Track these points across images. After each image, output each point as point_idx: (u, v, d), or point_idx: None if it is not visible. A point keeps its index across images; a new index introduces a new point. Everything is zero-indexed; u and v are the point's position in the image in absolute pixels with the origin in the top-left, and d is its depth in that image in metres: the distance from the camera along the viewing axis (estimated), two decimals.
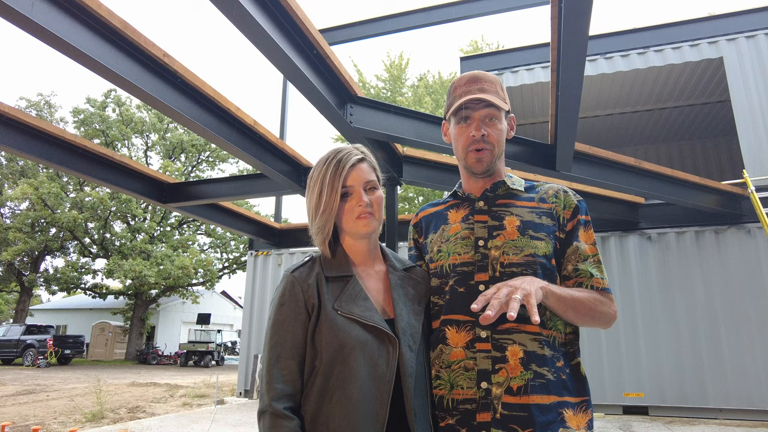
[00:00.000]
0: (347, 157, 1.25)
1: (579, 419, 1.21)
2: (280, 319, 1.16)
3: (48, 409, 9.00)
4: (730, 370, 7.01)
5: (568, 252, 1.30)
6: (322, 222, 1.24)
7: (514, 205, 1.35)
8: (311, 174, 1.29)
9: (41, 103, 27.36)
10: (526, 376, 1.18)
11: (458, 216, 1.40)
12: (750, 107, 8.17)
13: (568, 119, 4.32)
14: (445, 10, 9.20)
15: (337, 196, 1.23)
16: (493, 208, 1.36)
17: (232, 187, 6.78)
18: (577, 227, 1.33)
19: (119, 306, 28.30)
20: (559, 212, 1.33)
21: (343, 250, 1.28)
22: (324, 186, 1.23)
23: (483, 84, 1.37)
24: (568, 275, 1.29)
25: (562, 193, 1.36)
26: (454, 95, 1.39)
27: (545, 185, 1.41)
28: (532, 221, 1.31)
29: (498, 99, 1.35)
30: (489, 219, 1.33)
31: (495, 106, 1.34)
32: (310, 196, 1.27)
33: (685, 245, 7.66)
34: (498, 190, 1.39)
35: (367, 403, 1.09)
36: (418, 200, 22.40)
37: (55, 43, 3.29)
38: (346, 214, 1.24)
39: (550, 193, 1.37)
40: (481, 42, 24.94)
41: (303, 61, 3.91)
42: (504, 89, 1.42)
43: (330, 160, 1.26)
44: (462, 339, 1.24)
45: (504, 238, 1.29)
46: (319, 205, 1.23)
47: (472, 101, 1.34)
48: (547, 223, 1.31)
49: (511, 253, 1.26)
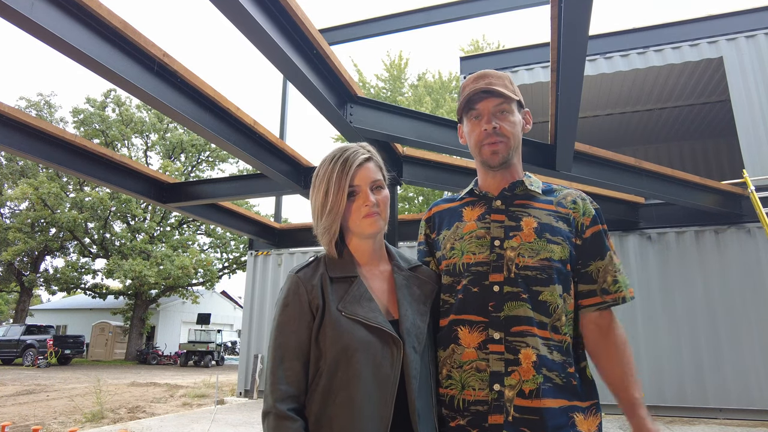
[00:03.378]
0: (354, 156, 1.24)
1: (589, 423, 1.21)
2: (284, 319, 1.15)
3: (48, 409, 8.99)
4: (730, 370, 7.01)
5: (605, 263, 1.30)
6: (328, 222, 1.22)
7: (532, 207, 1.33)
8: (317, 173, 1.27)
9: (41, 103, 27.35)
10: (538, 379, 1.17)
11: (474, 214, 1.37)
12: (750, 107, 8.17)
13: (568, 119, 4.32)
14: (445, 10, 9.20)
15: (344, 196, 1.21)
16: (510, 208, 1.34)
17: (232, 187, 6.77)
18: (601, 235, 1.32)
19: (119, 306, 28.29)
20: (577, 219, 1.32)
21: (349, 251, 1.27)
22: (330, 185, 1.21)
23: (490, 79, 1.36)
24: (608, 288, 1.29)
25: (581, 201, 1.36)
26: (463, 94, 1.38)
27: (564, 190, 1.39)
28: (549, 224, 1.29)
29: (506, 90, 1.33)
30: (506, 219, 1.32)
31: (503, 96, 1.32)
32: (315, 195, 1.25)
33: (685, 245, 7.66)
34: (516, 190, 1.37)
35: (370, 404, 1.09)
36: (418, 200, 22.39)
37: (55, 43, 3.29)
38: (352, 213, 1.23)
39: (568, 199, 1.36)
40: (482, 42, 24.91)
41: (303, 61, 3.91)
42: (513, 83, 1.40)
43: (336, 158, 1.24)
44: (474, 339, 1.24)
45: (520, 239, 1.27)
46: (325, 205, 1.22)
47: (478, 93, 1.33)
48: (564, 228, 1.30)
49: (527, 256, 1.25)
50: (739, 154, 8.37)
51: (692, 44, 8.76)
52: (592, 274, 1.30)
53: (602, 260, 1.30)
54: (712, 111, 11.08)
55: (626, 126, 12.04)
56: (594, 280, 1.29)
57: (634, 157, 7.82)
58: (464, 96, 1.36)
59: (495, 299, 1.24)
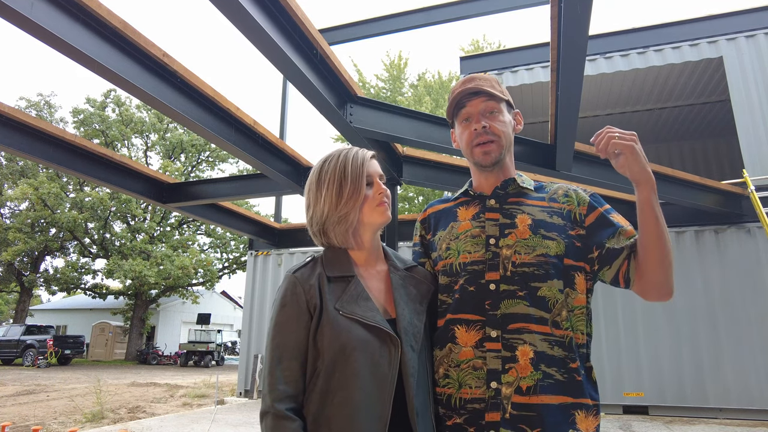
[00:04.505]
0: (363, 152, 1.30)
1: (589, 422, 1.21)
2: (282, 320, 1.15)
3: (48, 409, 9.00)
4: (730, 369, 7.01)
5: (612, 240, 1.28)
6: (347, 210, 1.23)
7: (526, 204, 1.34)
8: (325, 167, 1.28)
9: (41, 103, 27.36)
10: (536, 376, 1.17)
11: (468, 213, 1.38)
12: (750, 107, 8.17)
13: (568, 119, 4.32)
14: (445, 10, 9.19)
15: (364, 183, 1.25)
16: (504, 206, 1.35)
17: (232, 187, 6.78)
18: (603, 216, 1.32)
19: (119, 306, 28.30)
20: (573, 210, 1.33)
21: (345, 250, 1.27)
22: (346, 175, 1.24)
23: (477, 81, 1.38)
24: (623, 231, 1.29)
25: (573, 192, 1.36)
26: (451, 98, 1.40)
27: (553, 185, 1.41)
28: (543, 220, 1.30)
29: (494, 90, 1.35)
30: (501, 217, 1.33)
31: (491, 95, 1.34)
32: (328, 187, 1.25)
33: (685, 245, 7.66)
34: (509, 188, 1.38)
35: (369, 403, 1.09)
36: (418, 200, 22.40)
37: (55, 43, 3.29)
38: (367, 202, 1.26)
39: (560, 193, 1.37)
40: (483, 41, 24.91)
41: (303, 61, 3.91)
42: (501, 84, 1.42)
43: (347, 152, 1.29)
44: (471, 338, 1.24)
45: (516, 236, 1.28)
46: (341, 194, 1.23)
47: (466, 95, 1.35)
48: (559, 222, 1.31)
49: (523, 252, 1.26)
50: (739, 154, 8.38)
51: (692, 44, 8.76)
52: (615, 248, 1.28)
53: (614, 237, 1.29)
54: (712, 111, 11.08)
55: (626, 126, 12.04)
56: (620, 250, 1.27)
57: None
58: (452, 99, 1.38)
59: (491, 297, 1.25)
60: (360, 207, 1.25)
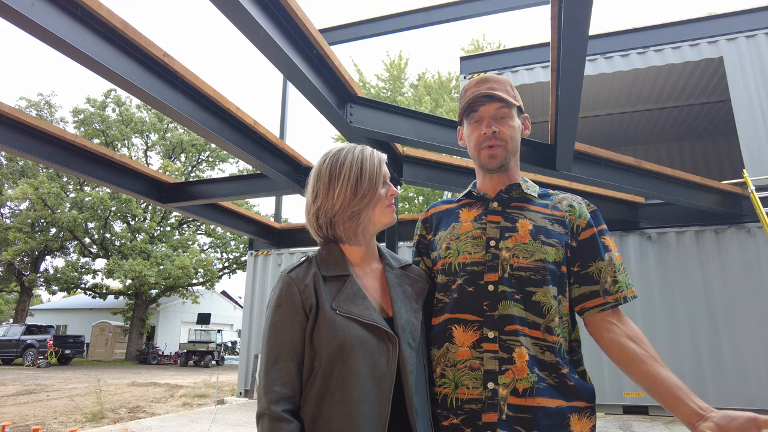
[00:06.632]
0: (378, 152, 1.32)
1: (583, 424, 1.21)
2: (277, 320, 1.14)
3: (48, 409, 9.00)
4: (730, 370, 7.01)
5: (604, 264, 1.30)
6: (360, 207, 1.24)
7: (528, 209, 1.35)
8: (341, 161, 1.26)
9: (41, 103, 27.35)
10: (532, 378, 1.18)
11: (471, 215, 1.40)
12: (750, 107, 8.17)
13: (568, 119, 4.32)
14: (445, 10, 9.19)
15: (381, 183, 1.27)
16: (507, 209, 1.36)
17: (232, 187, 6.77)
18: (596, 237, 1.33)
19: (119, 306, 28.31)
20: (573, 221, 1.34)
21: (340, 249, 1.27)
22: (363, 172, 1.25)
23: (492, 83, 1.39)
24: (609, 289, 1.29)
25: (577, 205, 1.38)
26: (464, 97, 1.41)
27: (559, 194, 1.42)
28: (544, 227, 1.31)
29: (507, 95, 1.36)
30: (502, 220, 1.34)
31: (503, 101, 1.35)
32: (344, 182, 1.24)
33: (685, 245, 7.66)
34: (512, 192, 1.39)
35: (368, 402, 1.08)
36: (418, 200, 22.40)
37: (55, 43, 3.29)
38: (380, 202, 1.27)
39: (564, 203, 1.38)
40: (483, 41, 24.92)
41: (303, 61, 3.91)
42: (514, 88, 1.43)
43: (363, 150, 1.29)
44: (469, 338, 1.24)
45: (515, 240, 1.29)
46: (357, 191, 1.23)
47: (480, 98, 1.36)
48: (559, 230, 1.32)
49: (521, 257, 1.27)
50: (739, 154, 8.37)
51: (692, 44, 8.75)
52: (593, 275, 1.30)
53: (602, 261, 1.31)
54: (712, 111, 11.08)
55: (626, 126, 12.04)
56: (596, 280, 1.30)
57: (634, 157, 7.82)
58: (466, 100, 1.39)
59: (489, 298, 1.25)
60: (373, 206, 1.26)
